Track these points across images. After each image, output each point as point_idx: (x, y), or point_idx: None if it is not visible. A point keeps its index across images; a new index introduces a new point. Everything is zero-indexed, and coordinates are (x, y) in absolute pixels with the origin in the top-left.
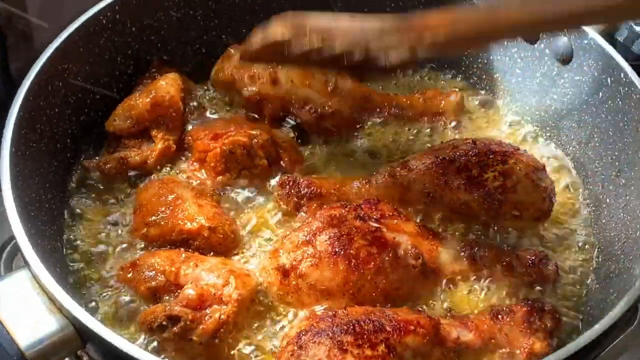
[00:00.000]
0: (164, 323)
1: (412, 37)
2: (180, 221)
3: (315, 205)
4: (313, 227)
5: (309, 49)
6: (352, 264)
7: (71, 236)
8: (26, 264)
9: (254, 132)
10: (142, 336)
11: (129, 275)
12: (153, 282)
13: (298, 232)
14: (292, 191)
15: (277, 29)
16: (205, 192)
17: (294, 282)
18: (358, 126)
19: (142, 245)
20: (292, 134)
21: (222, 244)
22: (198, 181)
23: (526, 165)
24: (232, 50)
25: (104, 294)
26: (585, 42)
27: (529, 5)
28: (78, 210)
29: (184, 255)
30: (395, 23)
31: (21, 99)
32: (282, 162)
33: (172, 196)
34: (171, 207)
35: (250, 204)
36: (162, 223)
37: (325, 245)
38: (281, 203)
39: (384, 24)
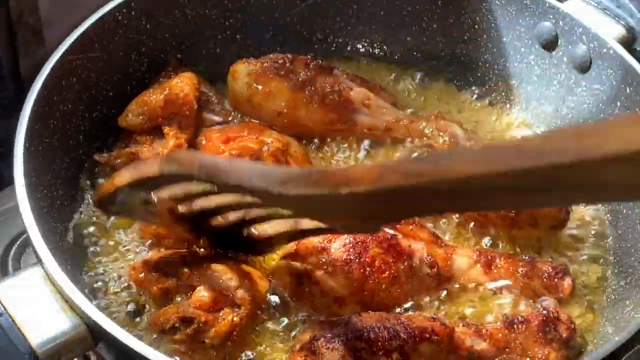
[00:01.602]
0: (177, 325)
1: (323, 189)
2: None
3: None
4: (327, 233)
5: (184, 192)
6: (367, 272)
7: (82, 233)
8: (39, 261)
9: (266, 140)
10: (154, 336)
11: (140, 276)
12: (165, 283)
13: (312, 237)
14: None
15: (154, 162)
16: None
17: (307, 289)
18: None
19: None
20: None
21: None
22: None
23: None
24: (241, 67)
25: (116, 293)
26: (604, 50)
27: (498, 159)
28: (89, 208)
29: (195, 256)
30: (305, 171)
31: (35, 94)
32: None
33: None
34: None
35: None
36: None
37: (340, 252)
38: None
39: (289, 170)
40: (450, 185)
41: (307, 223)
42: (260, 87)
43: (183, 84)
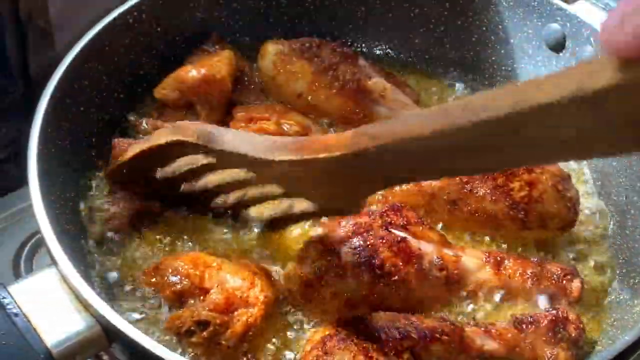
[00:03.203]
0: (192, 328)
1: (304, 154)
2: None
3: None
4: (338, 235)
5: (189, 167)
6: (377, 275)
7: (95, 236)
8: (53, 263)
9: (286, 123)
10: (168, 337)
11: (152, 280)
12: (178, 286)
13: (323, 239)
14: None
15: (162, 133)
16: None
17: (317, 292)
18: None
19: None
20: None
21: None
22: None
23: (552, 175)
24: (270, 46)
25: (128, 295)
26: None
27: (445, 117)
28: (101, 209)
29: (207, 258)
30: (289, 140)
31: (48, 96)
32: None
33: None
34: None
35: None
36: None
37: (350, 255)
38: None
39: (275, 138)
40: (410, 146)
41: (299, 205)
42: (285, 67)
43: (221, 64)
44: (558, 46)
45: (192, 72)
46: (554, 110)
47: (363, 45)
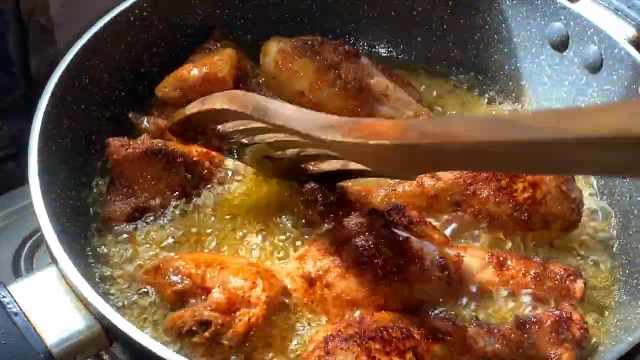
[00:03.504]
0: (194, 328)
1: (354, 137)
2: None
3: (341, 212)
4: (340, 235)
5: (243, 127)
6: (379, 275)
7: (95, 234)
8: (54, 261)
9: None
10: (169, 336)
11: (153, 279)
12: (179, 286)
13: (325, 239)
14: (319, 199)
15: (218, 99)
16: None
17: (319, 292)
18: None
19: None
20: None
21: None
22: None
23: (556, 176)
24: (272, 44)
25: (129, 294)
26: (616, 51)
27: (497, 129)
28: (102, 208)
29: (208, 257)
30: (342, 120)
31: (49, 94)
32: None
33: None
34: None
35: None
36: None
37: (352, 255)
38: (307, 210)
39: (328, 117)
40: (458, 147)
41: (354, 164)
42: (287, 66)
43: (222, 62)
44: (561, 45)
45: (193, 70)
46: (595, 144)
47: (365, 44)
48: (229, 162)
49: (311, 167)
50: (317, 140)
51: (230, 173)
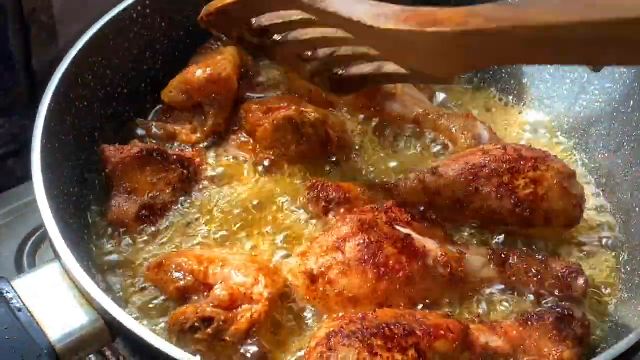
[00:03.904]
0: (196, 324)
1: (411, 25)
2: None
3: (343, 209)
4: (343, 232)
5: (280, 21)
6: (381, 272)
7: (98, 231)
8: (57, 257)
9: (306, 110)
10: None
11: (156, 276)
12: (182, 282)
13: (327, 236)
14: (321, 195)
15: None
16: None
17: (321, 289)
18: None
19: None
20: None
21: None
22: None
23: (558, 172)
24: None
25: (132, 290)
26: None
27: (576, 8)
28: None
29: (210, 254)
30: (398, 9)
31: (52, 91)
32: (329, 146)
33: None
34: None
35: None
36: None
37: (354, 252)
38: (309, 206)
39: (383, 5)
40: (529, 31)
41: (388, 67)
42: None
43: (226, 62)
44: None
45: (197, 72)
46: None
47: None
48: (221, 158)
49: (340, 72)
50: (366, 29)
51: (223, 170)
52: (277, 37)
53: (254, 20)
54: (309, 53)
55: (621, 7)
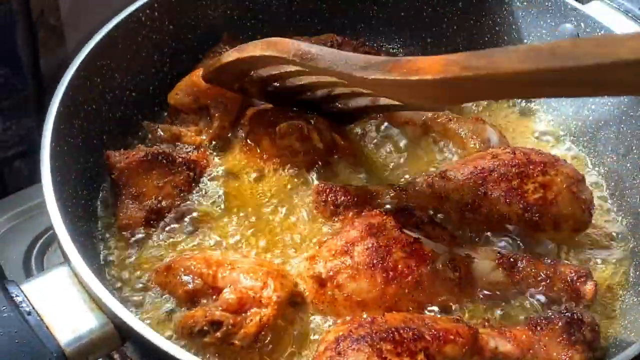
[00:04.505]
0: (205, 328)
1: (396, 75)
2: None
3: (351, 213)
4: (351, 236)
5: (280, 72)
6: (390, 276)
7: (106, 233)
8: (66, 260)
9: (311, 116)
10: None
11: (165, 279)
12: (190, 285)
13: (336, 240)
14: (329, 199)
15: (257, 46)
16: None
17: (330, 293)
18: None
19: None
20: None
21: None
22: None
23: (567, 177)
24: None
25: (141, 294)
26: None
27: (538, 58)
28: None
29: (219, 257)
30: (382, 59)
31: (61, 94)
32: (335, 151)
33: None
34: None
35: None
36: None
37: (363, 256)
38: (317, 210)
39: (369, 57)
40: (499, 77)
41: (383, 100)
42: None
43: None
44: None
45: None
46: (632, 65)
47: (375, 44)
48: (228, 161)
49: (340, 106)
50: (358, 79)
51: (229, 172)
52: (276, 84)
53: (253, 73)
54: (309, 94)
55: (577, 57)
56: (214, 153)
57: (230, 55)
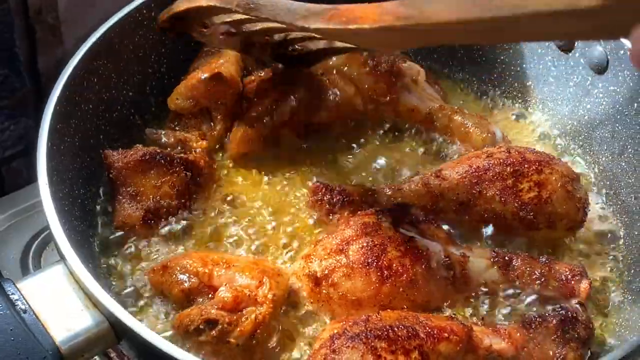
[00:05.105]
0: (201, 326)
1: (336, 23)
2: None
3: (347, 212)
4: (346, 234)
5: (230, 19)
6: (385, 275)
7: (103, 233)
8: (62, 259)
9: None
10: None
11: (160, 278)
12: (186, 284)
13: (331, 238)
14: (325, 198)
15: None
16: None
17: (324, 291)
18: None
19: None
20: None
21: None
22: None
23: (562, 176)
24: None
25: (137, 292)
26: (622, 52)
27: (462, 9)
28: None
29: (215, 256)
30: (322, 8)
31: (58, 93)
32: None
33: None
34: None
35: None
36: None
37: (358, 255)
38: (313, 209)
39: (310, 6)
40: (429, 27)
41: (339, 43)
42: None
43: (228, 63)
44: (567, 46)
45: (202, 77)
46: (548, 16)
47: None
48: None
49: (299, 48)
50: (300, 28)
51: (226, 172)
52: (231, 29)
53: (206, 20)
54: (266, 38)
55: (496, 7)
56: (215, 153)
57: (179, 5)
